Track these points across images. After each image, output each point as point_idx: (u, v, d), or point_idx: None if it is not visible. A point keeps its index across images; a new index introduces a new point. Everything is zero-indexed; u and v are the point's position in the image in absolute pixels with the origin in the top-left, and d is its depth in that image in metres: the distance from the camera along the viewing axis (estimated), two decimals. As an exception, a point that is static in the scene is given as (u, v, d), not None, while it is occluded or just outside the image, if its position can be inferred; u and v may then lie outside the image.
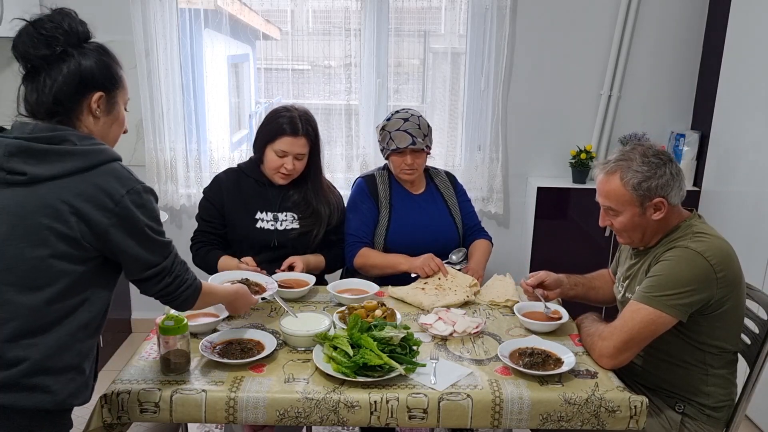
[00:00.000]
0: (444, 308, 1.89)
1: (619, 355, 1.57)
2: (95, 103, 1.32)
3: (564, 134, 3.31)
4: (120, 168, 1.30)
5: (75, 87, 1.30)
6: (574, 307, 1.90)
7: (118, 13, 3.02)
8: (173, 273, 1.38)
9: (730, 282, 1.58)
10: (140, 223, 1.29)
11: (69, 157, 1.25)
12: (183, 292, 1.41)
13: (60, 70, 1.28)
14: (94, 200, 1.24)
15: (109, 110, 1.37)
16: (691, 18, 3.19)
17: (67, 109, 1.30)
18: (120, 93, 1.39)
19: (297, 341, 1.65)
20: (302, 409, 1.44)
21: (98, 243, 1.27)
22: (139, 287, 1.39)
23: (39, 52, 1.27)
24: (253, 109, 3.39)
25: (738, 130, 2.79)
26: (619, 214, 1.67)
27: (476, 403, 1.45)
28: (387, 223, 2.33)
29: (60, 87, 1.28)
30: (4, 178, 1.24)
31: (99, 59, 1.33)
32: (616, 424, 1.47)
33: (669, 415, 1.66)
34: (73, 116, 1.31)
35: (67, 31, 1.29)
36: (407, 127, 2.26)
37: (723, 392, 1.66)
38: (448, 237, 2.37)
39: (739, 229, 2.70)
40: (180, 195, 3.24)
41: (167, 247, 1.37)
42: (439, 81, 3.32)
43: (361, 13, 3.13)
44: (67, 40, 1.29)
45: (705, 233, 1.63)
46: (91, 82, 1.31)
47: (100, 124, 1.35)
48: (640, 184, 1.61)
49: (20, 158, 1.24)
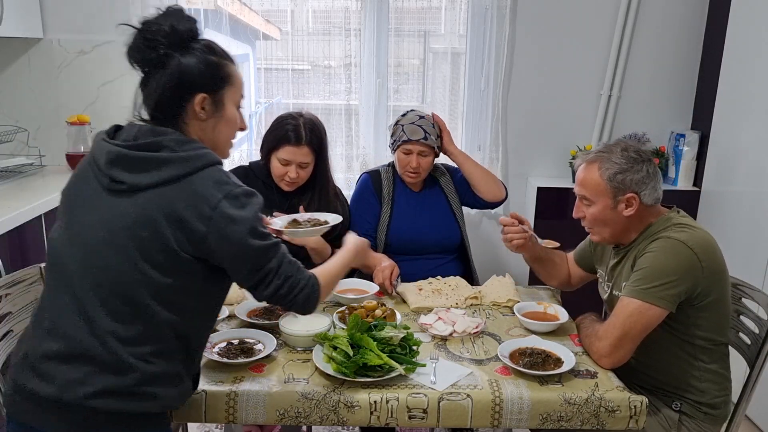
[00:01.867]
0: (444, 308, 1.89)
1: (616, 353, 1.58)
2: (198, 105, 1.29)
3: (564, 134, 3.30)
4: (218, 172, 1.26)
5: (176, 90, 1.27)
6: (574, 308, 1.90)
7: (118, 13, 3.02)
8: (282, 275, 1.32)
9: (714, 271, 1.59)
10: (239, 228, 1.25)
11: (166, 165, 1.23)
12: (298, 294, 1.35)
13: (163, 73, 1.26)
14: (191, 208, 1.22)
15: (215, 111, 1.32)
16: (691, 18, 3.19)
17: (170, 114, 1.28)
18: (228, 92, 1.34)
19: (297, 341, 1.65)
20: (302, 409, 1.45)
21: (198, 251, 1.24)
22: (253, 294, 1.36)
23: (143, 56, 1.26)
24: (253, 109, 3.39)
25: (738, 130, 2.78)
26: (592, 204, 1.70)
27: (476, 403, 1.45)
28: (388, 219, 2.34)
29: (162, 91, 1.26)
30: (107, 185, 1.25)
31: (203, 58, 1.29)
32: (616, 424, 1.47)
33: (667, 413, 1.67)
34: (179, 120, 1.29)
35: (169, 33, 1.26)
36: (422, 123, 2.30)
37: (717, 388, 1.67)
38: (449, 235, 2.38)
39: (739, 229, 2.70)
40: (180, 195, 3.23)
41: (271, 249, 1.31)
42: (439, 81, 3.32)
43: (361, 13, 3.13)
44: (170, 42, 1.26)
45: (686, 224, 1.65)
46: (193, 85, 1.28)
47: (206, 126, 1.32)
48: (616, 175, 1.65)
49: (120, 166, 1.24)
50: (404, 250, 2.32)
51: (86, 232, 1.26)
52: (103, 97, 3.14)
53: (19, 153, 3.11)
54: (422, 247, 2.32)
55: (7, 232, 2.22)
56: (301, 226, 1.91)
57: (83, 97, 3.14)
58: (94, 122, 3.09)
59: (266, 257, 1.31)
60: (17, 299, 1.64)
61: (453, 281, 2.11)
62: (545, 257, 2.00)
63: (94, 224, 1.25)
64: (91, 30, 3.07)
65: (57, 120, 3.10)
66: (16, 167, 2.92)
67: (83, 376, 1.20)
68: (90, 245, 1.25)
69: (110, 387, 1.21)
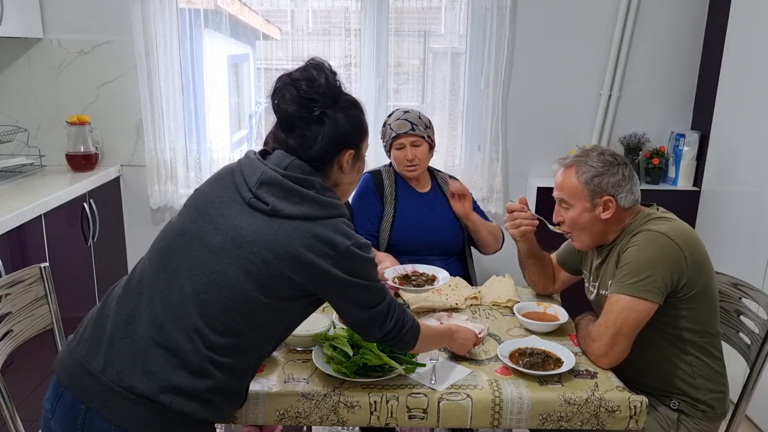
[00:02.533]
0: (446, 313, 1.88)
1: (612, 352, 1.58)
2: (346, 160, 1.36)
3: (564, 134, 3.30)
4: (345, 224, 1.32)
5: (332, 148, 1.33)
6: (573, 308, 1.90)
7: (118, 13, 3.03)
8: (392, 317, 1.39)
9: (697, 261, 1.61)
10: (357, 272, 1.31)
11: (309, 202, 1.28)
12: (405, 334, 1.42)
13: (318, 131, 1.31)
14: (316, 248, 1.26)
15: (356, 163, 1.41)
16: (691, 18, 3.19)
17: (322, 163, 1.34)
18: (365, 144, 1.42)
19: (297, 341, 1.65)
20: (302, 409, 1.45)
21: (313, 285, 1.29)
22: (363, 335, 1.43)
23: (299, 113, 1.31)
24: (253, 109, 3.39)
25: (738, 130, 2.79)
26: (570, 207, 1.73)
27: (476, 403, 1.45)
28: (392, 219, 2.33)
29: (318, 145, 1.31)
30: (249, 200, 1.28)
31: (352, 116, 1.36)
32: (616, 424, 1.47)
33: (665, 412, 1.67)
34: (327, 168, 1.35)
35: (325, 92, 1.31)
36: (407, 117, 2.31)
37: (711, 384, 1.67)
38: (452, 235, 2.37)
39: (739, 229, 2.70)
40: (180, 195, 3.23)
41: (381, 291, 1.38)
42: (439, 81, 3.32)
43: (361, 13, 3.13)
44: (325, 102, 1.31)
45: (667, 218, 1.68)
46: (346, 143, 1.35)
47: (345, 176, 1.40)
48: (593, 178, 1.68)
49: (270, 189, 1.28)
50: (408, 250, 2.31)
51: (211, 232, 1.28)
52: (103, 97, 3.15)
53: (19, 153, 3.12)
54: (426, 248, 2.31)
55: (7, 232, 2.22)
56: (412, 281, 1.97)
57: (83, 97, 3.14)
58: (94, 122, 3.10)
59: (377, 298, 1.37)
60: (17, 299, 1.64)
61: (453, 281, 2.11)
62: (540, 254, 2.00)
63: (223, 228, 1.28)
64: (91, 30, 3.07)
65: (57, 120, 3.10)
66: (16, 167, 2.93)
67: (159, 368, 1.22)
68: (210, 246, 1.27)
69: (184, 386, 1.22)
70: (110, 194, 3.13)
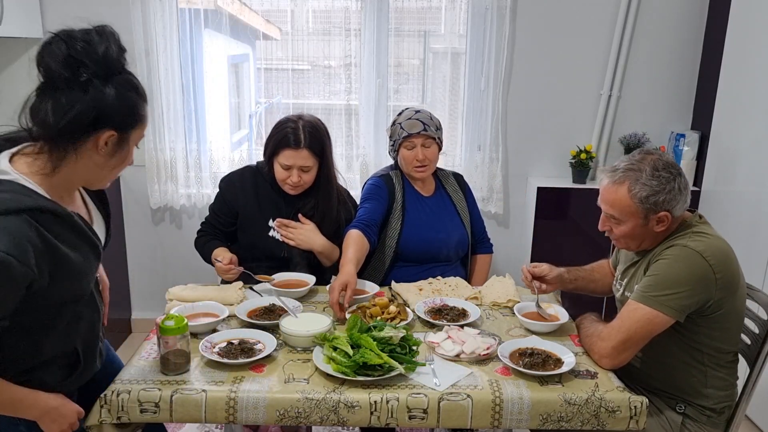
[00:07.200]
0: (456, 326, 1.76)
1: (618, 356, 1.57)
2: (103, 141, 1.23)
3: (564, 134, 3.31)
4: None
5: (88, 121, 1.19)
6: (573, 308, 1.90)
7: (118, 13, 3.02)
8: None
9: (728, 283, 1.57)
10: None
11: None
12: None
13: (77, 98, 1.18)
14: None
15: (116, 150, 1.27)
16: (691, 18, 3.19)
17: (69, 141, 1.20)
18: (135, 132, 1.30)
19: (297, 341, 1.65)
20: (302, 409, 1.44)
21: None
22: None
23: (62, 72, 1.17)
24: (253, 109, 3.39)
25: (738, 130, 2.78)
26: (621, 223, 1.65)
27: (476, 404, 1.45)
28: (399, 227, 2.28)
29: (72, 117, 1.18)
30: None
31: (124, 95, 1.23)
32: (616, 424, 1.47)
33: (669, 415, 1.66)
34: (72, 148, 1.21)
35: (99, 60, 1.19)
36: (419, 117, 2.26)
37: (722, 394, 1.66)
38: (458, 240, 2.34)
39: (739, 229, 2.70)
40: (180, 195, 3.23)
41: None
42: (439, 81, 3.32)
43: (361, 13, 3.13)
44: (97, 70, 1.19)
45: (705, 233, 1.62)
46: (107, 120, 1.22)
47: (97, 161, 1.26)
48: (648, 198, 1.58)
49: None
50: (414, 259, 2.28)
51: None
52: (103, 97, 3.14)
53: (19, 153, 3.11)
54: (432, 253, 2.28)
55: (7, 232, 2.21)
56: (445, 315, 1.85)
57: (83, 97, 3.13)
58: (94, 122, 3.10)
59: None
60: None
61: (453, 281, 2.11)
62: (582, 284, 1.96)
63: None
64: (91, 30, 3.07)
65: (57, 120, 3.10)
66: (15, 167, 2.92)
67: None
68: None
69: None
70: (110, 194, 3.12)
